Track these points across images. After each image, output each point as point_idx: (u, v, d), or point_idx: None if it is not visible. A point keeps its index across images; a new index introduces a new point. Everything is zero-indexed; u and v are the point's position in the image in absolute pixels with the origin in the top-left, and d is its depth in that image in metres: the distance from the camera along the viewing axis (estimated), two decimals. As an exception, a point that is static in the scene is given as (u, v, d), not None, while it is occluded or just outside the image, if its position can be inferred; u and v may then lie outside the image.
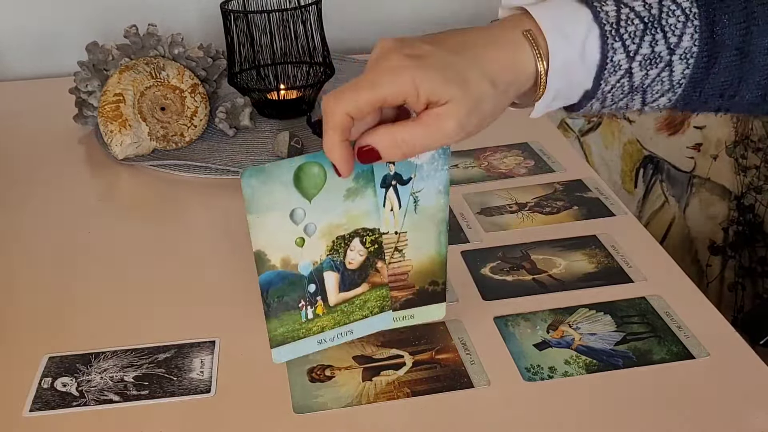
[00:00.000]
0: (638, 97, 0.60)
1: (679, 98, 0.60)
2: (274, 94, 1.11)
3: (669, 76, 0.58)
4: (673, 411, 0.59)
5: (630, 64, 0.57)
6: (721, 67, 0.58)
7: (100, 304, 0.75)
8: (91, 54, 1.08)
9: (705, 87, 0.59)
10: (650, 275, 0.74)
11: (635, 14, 0.58)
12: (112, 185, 1.01)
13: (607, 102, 0.60)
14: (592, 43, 0.57)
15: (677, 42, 0.57)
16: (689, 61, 0.58)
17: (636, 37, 0.57)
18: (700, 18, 0.57)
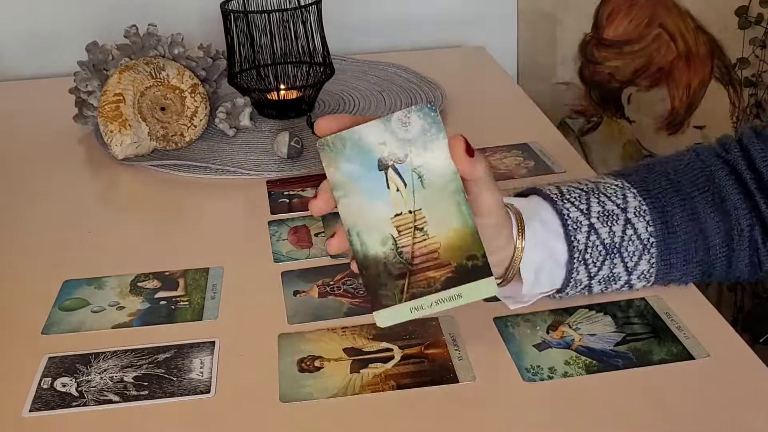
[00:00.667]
0: (618, 263, 0.67)
1: (658, 262, 0.67)
2: (274, 94, 1.11)
3: (636, 235, 0.66)
4: (673, 411, 0.59)
5: (589, 220, 0.66)
6: (679, 226, 0.67)
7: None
8: (91, 54, 1.08)
9: (678, 251, 0.67)
10: (650, 275, 0.74)
11: (574, 188, 0.68)
12: (112, 185, 1.01)
13: (589, 265, 0.66)
14: (549, 215, 0.66)
15: (624, 202, 0.67)
16: (646, 218, 0.67)
17: (581, 198, 0.67)
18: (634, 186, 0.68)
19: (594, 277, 0.67)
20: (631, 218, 0.67)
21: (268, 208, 0.91)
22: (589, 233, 0.66)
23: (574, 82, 1.47)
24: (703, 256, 0.69)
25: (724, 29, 1.40)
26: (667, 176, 0.70)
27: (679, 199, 0.68)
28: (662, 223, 0.67)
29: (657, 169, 0.71)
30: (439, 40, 1.43)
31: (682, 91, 1.46)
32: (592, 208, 0.67)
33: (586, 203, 0.67)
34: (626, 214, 0.67)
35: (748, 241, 0.69)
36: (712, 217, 0.68)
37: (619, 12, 1.42)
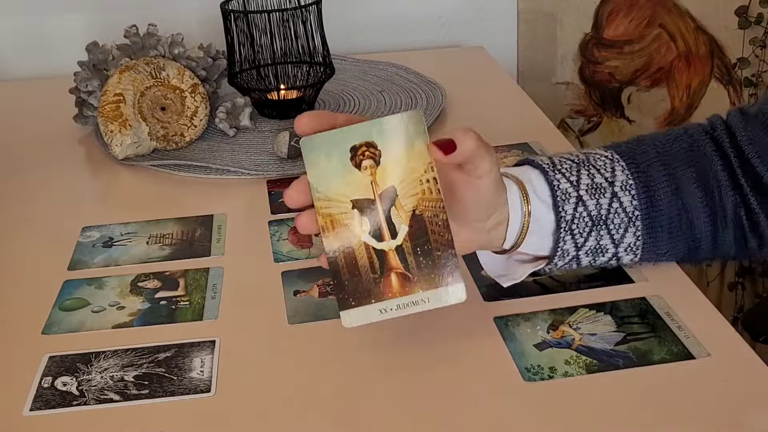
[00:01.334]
0: (605, 234, 0.69)
1: (644, 234, 0.69)
2: (274, 94, 1.11)
3: (622, 208, 0.68)
4: (673, 411, 0.59)
5: (578, 192, 0.67)
6: (663, 202, 0.69)
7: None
8: (91, 54, 1.08)
9: (662, 224, 0.69)
10: (651, 275, 0.74)
11: (566, 159, 0.70)
12: (112, 185, 1.01)
13: (576, 235, 0.68)
14: (539, 182, 0.68)
15: (612, 175, 0.69)
16: (632, 192, 0.68)
17: (572, 170, 0.68)
18: (623, 159, 0.70)
19: (581, 248, 0.69)
20: (617, 192, 0.68)
21: (269, 208, 0.91)
22: (577, 205, 0.67)
23: (574, 82, 1.47)
24: (687, 232, 0.70)
25: (724, 29, 1.40)
26: (656, 148, 0.71)
27: (664, 173, 0.69)
28: (647, 197, 0.69)
29: (647, 140, 0.73)
30: (439, 40, 1.43)
31: (682, 91, 1.46)
32: (582, 180, 0.68)
33: (576, 175, 0.68)
34: (613, 188, 0.68)
35: (732, 219, 0.70)
36: (695, 194, 0.69)
37: (619, 12, 1.42)
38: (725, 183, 0.70)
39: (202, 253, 0.82)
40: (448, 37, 1.43)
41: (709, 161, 0.70)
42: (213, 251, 0.83)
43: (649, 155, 0.70)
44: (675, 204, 0.69)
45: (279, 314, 0.72)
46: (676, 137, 0.73)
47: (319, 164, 0.60)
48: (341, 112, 0.58)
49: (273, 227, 0.86)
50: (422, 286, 0.61)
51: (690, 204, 0.69)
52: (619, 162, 0.70)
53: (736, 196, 0.70)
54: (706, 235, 0.70)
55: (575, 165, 0.69)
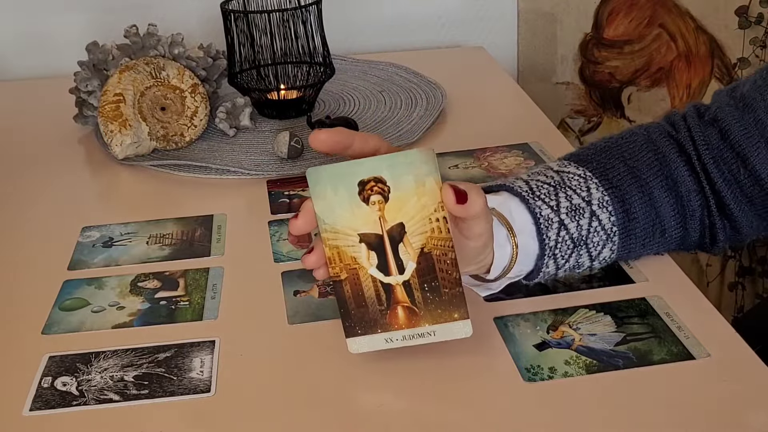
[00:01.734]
0: (585, 254, 0.69)
1: (620, 249, 0.70)
2: (275, 94, 1.11)
3: (601, 227, 0.68)
4: (673, 411, 0.59)
5: (559, 216, 0.67)
6: (637, 211, 0.69)
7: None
8: (91, 54, 1.08)
9: (637, 234, 0.70)
10: (651, 275, 0.74)
11: (542, 182, 0.69)
12: (112, 185, 1.01)
13: (561, 264, 0.69)
14: (520, 212, 0.68)
15: (588, 194, 0.69)
16: (608, 209, 0.69)
17: (550, 194, 0.68)
18: (596, 176, 0.70)
19: (560, 268, 0.70)
20: (595, 210, 0.69)
21: (269, 208, 0.91)
22: (559, 229, 0.68)
23: (574, 82, 1.47)
24: (660, 239, 0.71)
25: (724, 29, 1.40)
26: (624, 161, 0.71)
27: (637, 186, 0.70)
28: (623, 212, 0.69)
29: (614, 153, 0.73)
30: (439, 40, 1.43)
31: (683, 91, 1.46)
32: (561, 203, 0.68)
33: (555, 199, 0.68)
34: (591, 207, 0.69)
35: (699, 221, 0.71)
36: (668, 201, 0.70)
37: (619, 12, 1.42)
38: (693, 187, 0.71)
39: (202, 253, 0.82)
40: (448, 37, 1.43)
41: (676, 167, 0.71)
42: (213, 251, 0.83)
43: (620, 170, 0.71)
44: (649, 215, 0.70)
45: (279, 314, 0.72)
46: (641, 145, 0.73)
47: (325, 196, 0.60)
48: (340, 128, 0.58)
49: (273, 227, 0.86)
50: (428, 320, 0.61)
51: (663, 213, 0.70)
52: (592, 180, 0.70)
53: (701, 198, 0.71)
54: (675, 239, 0.72)
55: (552, 189, 0.69)
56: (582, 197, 0.69)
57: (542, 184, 0.70)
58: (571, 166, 0.72)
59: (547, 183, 0.70)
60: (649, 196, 0.70)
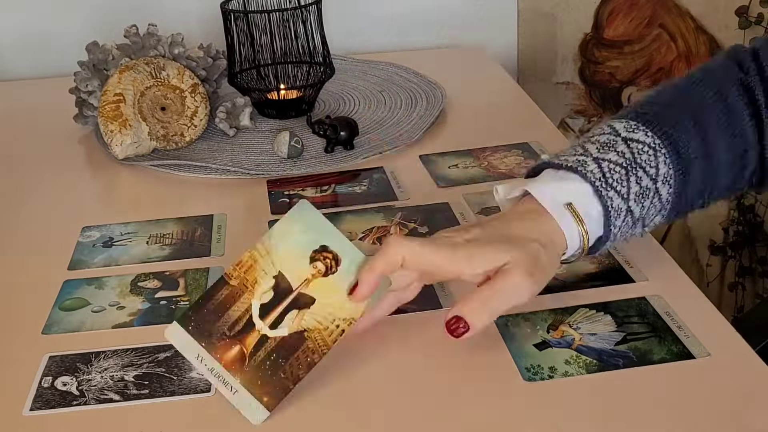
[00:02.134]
0: (639, 226, 0.69)
1: (669, 212, 0.70)
2: (275, 94, 1.11)
3: (659, 200, 0.68)
4: (673, 411, 0.59)
5: (627, 204, 0.67)
6: (695, 176, 0.69)
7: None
8: (91, 54, 1.08)
9: (688, 195, 0.70)
10: (651, 275, 0.74)
11: (614, 163, 0.67)
12: (112, 185, 1.01)
13: (617, 239, 0.69)
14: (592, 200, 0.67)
15: (656, 172, 0.68)
16: (670, 182, 0.68)
17: (622, 180, 0.67)
18: (665, 146, 0.68)
19: (615, 241, 0.69)
20: (659, 187, 0.68)
21: (269, 208, 0.91)
22: (626, 216, 0.68)
23: (574, 82, 1.47)
24: (706, 201, 0.72)
25: (724, 29, 1.40)
26: (693, 119, 0.70)
27: (703, 155, 0.69)
28: (683, 183, 0.69)
29: (683, 108, 0.71)
30: (439, 40, 1.43)
31: (682, 91, 1.45)
32: (631, 189, 0.67)
33: (627, 185, 0.67)
34: (656, 185, 0.68)
35: (747, 178, 0.73)
36: (725, 159, 0.70)
37: (619, 12, 1.42)
38: (752, 140, 0.71)
39: (202, 253, 0.82)
40: (448, 37, 1.43)
41: (741, 120, 0.71)
42: (213, 251, 0.83)
43: (689, 133, 0.69)
44: (704, 180, 0.70)
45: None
46: (711, 100, 0.71)
47: (292, 229, 0.64)
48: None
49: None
50: (244, 379, 0.61)
51: (719, 184, 0.71)
52: (661, 151, 0.68)
53: (757, 154, 0.71)
54: (722, 188, 0.72)
55: (624, 171, 0.67)
56: (650, 176, 0.68)
57: (614, 166, 0.67)
58: (640, 131, 0.69)
59: (619, 164, 0.67)
60: (713, 171, 0.70)
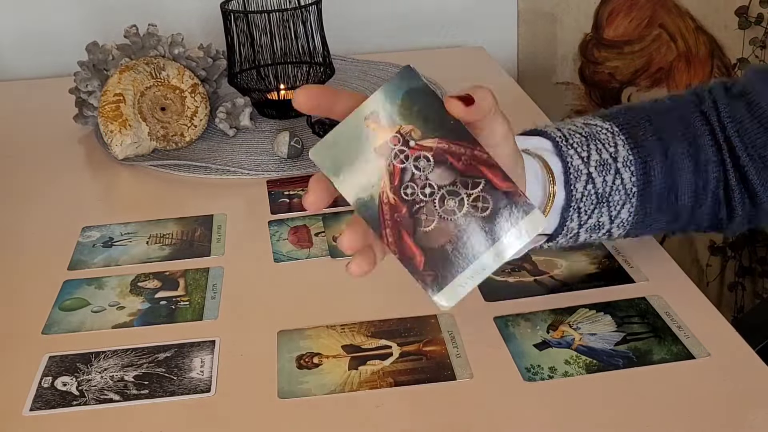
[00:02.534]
0: (605, 209, 0.68)
1: (636, 212, 0.69)
2: (274, 94, 1.11)
3: (622, 186, 0.67)
4: (673, 411, 0.59)
5: (588, 169, 0.66)
6: (657, 176, 0.68)
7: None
8: (91, 54, 1.08)
9: (653, 198, 0.69)
10: (651, 275, 0.74)
11: (574, 131, 0.68)
12: (112, 185, 1.01)
13: (582, 213, 0.67)
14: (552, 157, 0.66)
15: (615, 151, 0.68)
16: (631, 168, 0.68)
17: (582, 144, 0.67)
18: (623, 133, 0.69)
19: (583, 225, 0.68)
20: (620, 168, 0.68)
21: (269, 208, 0.91)
22: (587, 182, 0.67)
23: (574, 82, 1.47)
24: (672, 206, 0.70)
25: (724, 29, 1.40)
26: (650, 121, 0.71)
27: (660, 148, 0.69)
28: (644, 173, 0.68)
29: (641, 112, 0.72)
30: (439, 40, 1.43)
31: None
32: (592, 155, 0.67)
33: (587, 150, 0.67)
34: (616, 164, 0.68)
35: (711, 193, 0.70)
36: (687, 168, 0.69)
37: (619, 12, 1.42)
38: (711, 158, 0.70)
39: (202, 253, 0.82)
40: (448, 37, 1.43)
41: (700, 134, 0.70)
42: (213, 251, 0.83)
43: (645, 128, 0.70)
44: (666, 180, 0.69)
45: (279, 314, 0.72)
46: (669, 109, 0.72)
47: None
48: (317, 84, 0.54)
49: (273, 227, 0.86)
50: None
51: (679, 180, 0.69)
52: (619, 136, 0.69)
53: (719, 171, 0.70)
54: (686, 208, 0.70)
55: (584, 139, 0.68)
56: (610, 153, 0.68)
57: (574, 132, 0.68)
58: (597, 119, 0.71)
59: (579, 133, 0.68)
60: (671, 160, 0.69)
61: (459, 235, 0.54)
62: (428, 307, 0.67)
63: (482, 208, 0.54)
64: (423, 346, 0.67)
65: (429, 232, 0.54)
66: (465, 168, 0.54)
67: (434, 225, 0.54)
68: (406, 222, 0.53)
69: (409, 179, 0.54)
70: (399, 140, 0.54)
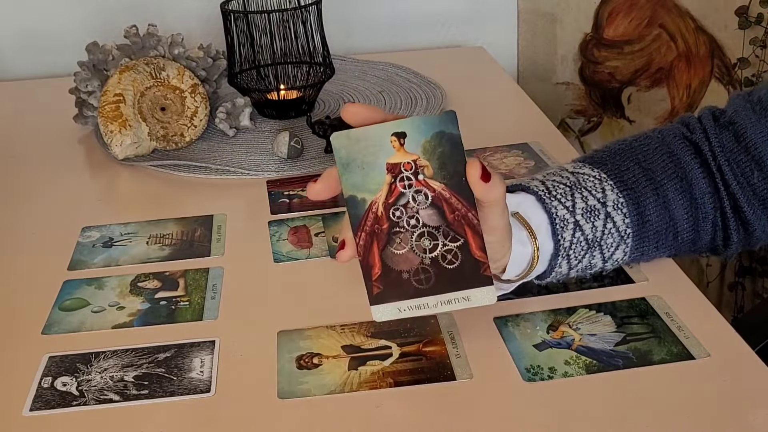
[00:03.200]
0: (597, 253, 0.69)
1: (632, 251, 0.70)
2: (274, 94, 1.11)
3: (615, 229, 0.68)
4: (673, 411, 0.59)
5: (575, 217, 0.67)
6: (651, 215, 0.69)
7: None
8: (91, 54, 1.08)
9: (650, 237, 0.70)
10: (651, 276, 0.74)
11: (558, 183, 0.69)
12: (112, 185, 1.01)
13: (571, 259, 0.68)
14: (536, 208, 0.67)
15: (603, 195, 0.69)
16: (623, 210, 0.69)
17: (566, 195, 0.68)
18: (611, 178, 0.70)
19: (573, 268, 0.69)
20: (610, 212, 0.69)
21: (269, 208, 0.91)
22: (575, 230, 0.68)
23: (574, 82, 1.47)
24: (672, 241, 0.71)
25: (724, 29, 1.40)
26: (639, 164, 0.71)
27: (651, 188, 0.70)
28: (638, 214, 0.69)
29: (628, 156, 0.72)
30: (439, 40, 1.43)
31: (683, 91, 1.46)
32: (577, 204, 0.68)
33: (571, 200, 0.68)
34: (606, 208, 0.68)
35: (711, 223, 0.71)
36: (682, 204, 0.70)
37: (619, 12, 1.42)
38: (706, 189, 0.71)
39: (202, 254, 0.82)
40: (448, 37, 1.43)
41: (690, 169, 0.71)
42: (213, 251, 0.83)
43: (635, 172, 0.71)
44: (663, 217, 0.70)
45: (279, 314, 0.72)
46: (656, 148, 0.73)
47: None
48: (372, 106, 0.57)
49: (273, 227, 0.86)
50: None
51: (676, 215, 0.70)
52: (607, 181, 0.70)
53: (715, 200, 0.71)
54: (686, 242, 0.72)
55: (568, 189, 0.69)
56: (597, 198, 0.69)
57: (558, 184, 0.70)
58: (585, 167, 0.72)
59: (563, 183, 0.70)
60: (664, 199, 0.70)
61: (419, 271, 0.60)
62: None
63: (450, 261, 0.59)
64: (423, 347, 0.67)
65: (396, 254, 0.60)
66: (453, 221, 0.59)
67: (403, 252, 0.59)
68: (382, 236, 0.59)
69: (402, 204, 0.59)
70: (411, 168, 0.58)
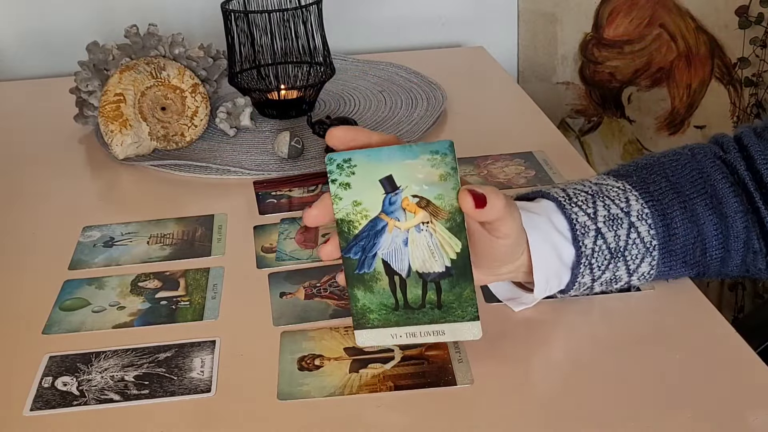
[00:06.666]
0: (621, 263, 0.67)
1: (660, 264, 0.68)
2: (275, 94, 1.11)
3: (640, 239, 0.67)
4: (672, 411, 0.59)
5: (596, 225, 0.66)
6: (678, 229, 0.67)
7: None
8: (91, 54, 1.08)
9: (677, 251, 0.68)
10: (650, 275, 0.74)
11: (579, 190, 0.68)
12: (112, 185, 1.01)
13: (594, 268, 0.67)
14: (556, 214, 0.67)
15: (627, 205, 0.67)
16: (648, 221, 0.67)
17: (588, 202, 0.67)
18: (635, 188, 0.68)
19: (597, 280, 0.67)
20: (634, 222, 0.67)
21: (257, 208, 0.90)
22: (596, 238, 0.66)
23: (574, 82, 1.47)
24: (700, 258, 0.69)
25: (724, 29, 1.40)
26: (666, 178, 0.70)
27: (679, 201, 0.68)
28: (663, 226, 0.67)
29: (655, 170, 0.71)
30: (439, 40, 1.43)
31: (683, 90, 1.46)
32: (599, 212, 0.67)
33: (593, 207, 0.67)
34: (630, 218, 0.67)
35: (743, 243, 0.69)
36: (711, 220, 0.68)
37: (619, 12, 1.42)
38: (738, 207, 0.68)
39: (202, 253, 0.82)
40: (448, 37, 1.43)
41: (721, 187, 0.69)
42: (213, 251, 0.83)
43: (661, 185, 0.69)
44: (691, 231, 0.68)
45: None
46: (685, 164, 0.71)
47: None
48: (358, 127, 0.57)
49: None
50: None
51: (705, 232, 0.68)
52: (632, 192, 0.68)
53: (749, 220, 0.68)
54: (716, 260, 0.69)
55: (590, 197, 0.68)
56: (620, 207, 0.67)
57: (579, 192, 0.68)
58: (609, 179, 0.70)
59: (585, 191, 0.68)
60: (692, 213, 0.68)
61: None
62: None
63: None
64: (425, 350, 0.67)
65: None
66: None
67: None
68: None
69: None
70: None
